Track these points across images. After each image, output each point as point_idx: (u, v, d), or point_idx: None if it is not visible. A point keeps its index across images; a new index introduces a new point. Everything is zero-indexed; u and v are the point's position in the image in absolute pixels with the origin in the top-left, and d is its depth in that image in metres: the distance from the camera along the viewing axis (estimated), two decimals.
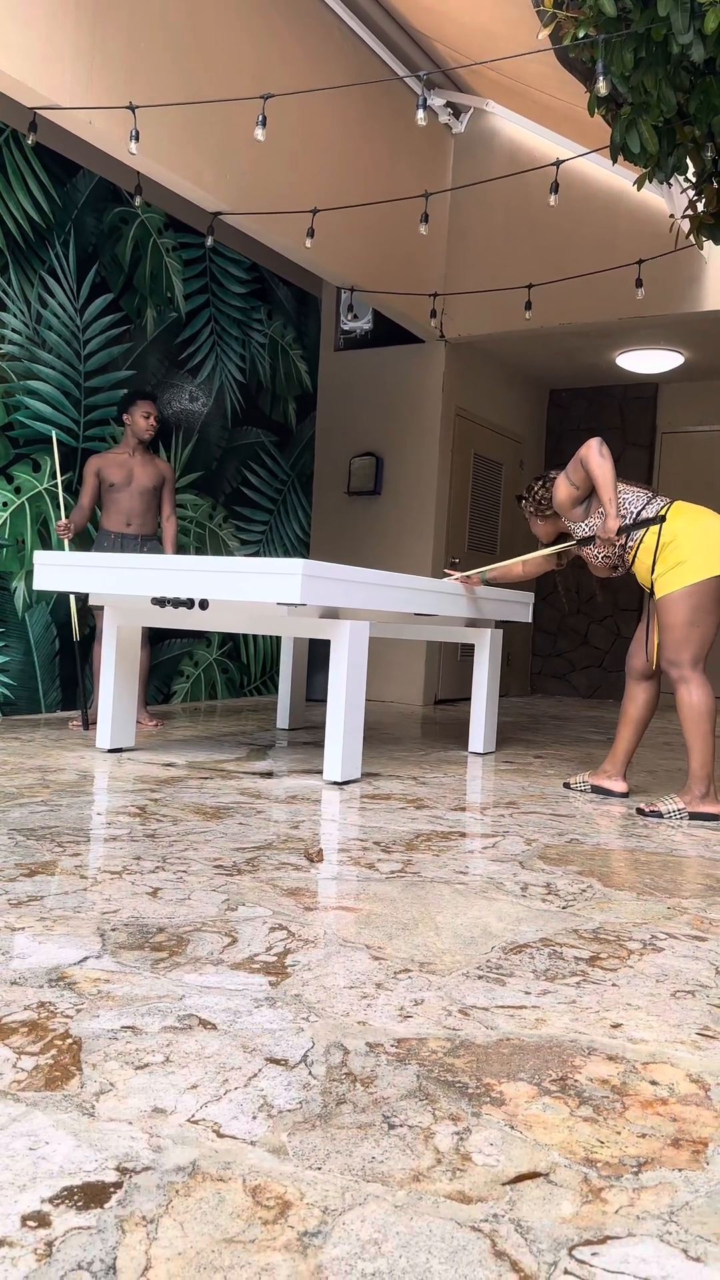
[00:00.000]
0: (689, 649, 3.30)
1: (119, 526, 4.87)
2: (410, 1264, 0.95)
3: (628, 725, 3.60)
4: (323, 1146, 1.16)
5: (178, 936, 1.86)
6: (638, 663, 3.54)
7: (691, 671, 3.31)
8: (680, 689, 3.33)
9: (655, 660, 3.48)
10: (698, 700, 3.29)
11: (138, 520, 4.90)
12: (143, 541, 4.93)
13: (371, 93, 5.92)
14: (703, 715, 3.29)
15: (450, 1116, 1.24)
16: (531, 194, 6.57)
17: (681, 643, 3.30)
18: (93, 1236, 0.97)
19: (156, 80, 4.42)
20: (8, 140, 4.93)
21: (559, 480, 3.54)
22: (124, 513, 4.87)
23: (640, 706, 3.57)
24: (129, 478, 4.85)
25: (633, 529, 3.41)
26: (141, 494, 4.89)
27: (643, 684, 3.56)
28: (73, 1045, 1.38)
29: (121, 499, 4.86)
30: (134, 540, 4.90)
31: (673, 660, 3.33)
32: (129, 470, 4.86)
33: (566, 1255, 0.98)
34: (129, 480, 4.85)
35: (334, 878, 2.33)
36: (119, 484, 4.84)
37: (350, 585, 3.63)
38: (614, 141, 3.96)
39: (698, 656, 3.31)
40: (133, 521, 4.89)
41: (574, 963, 1.82)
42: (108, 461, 4.84)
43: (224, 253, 6.48)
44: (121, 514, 4.87)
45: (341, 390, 7.45)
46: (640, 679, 3.55)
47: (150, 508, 4.94)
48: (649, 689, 3.56)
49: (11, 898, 2.04)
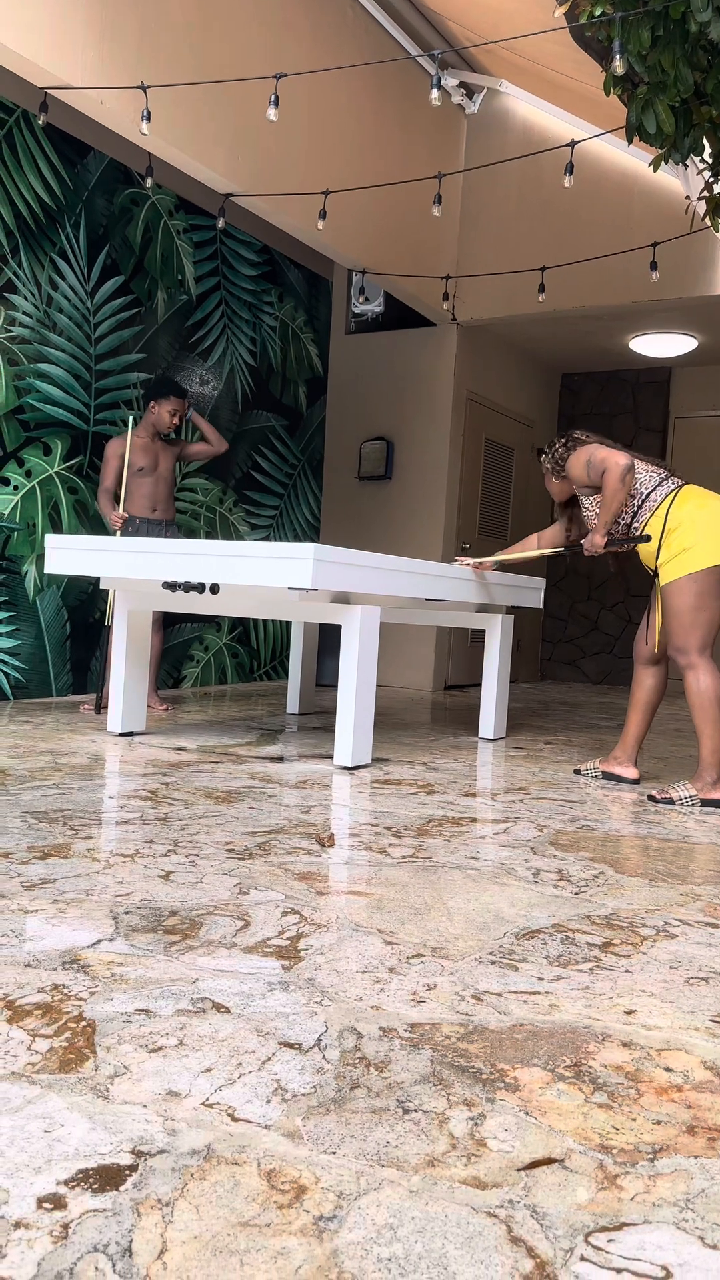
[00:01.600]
0: (695, 635, 3.29)
1: (144, 511, 4.88)
2: (426, 1249, 0.95)
3: (636, 710, 3.60)
4: (337, 1131, 1.15)
5: (190, 920, 1.86)
6: (643, 648, 3.54)
7: (699, 658, 3.30)
8: (689, 676, 3.31)
9: (657, 645, 3.48)
10: (706, 686, 3.27)
11: (162, 505, 4.93)
12: (166, 526, 4.94)
13: (384, 73, 5.87)
14: (712, 701, 3.27)
15: (464, 1102, 1.24)
16: (545, 176, 6.51)
17: (688, 629, 3.29)
18: (108, 1219, 0.97)
19: (168, 60, 4.38)
20: (18, 121, 4.90)
21: (579, 456, 3.49)
22: (149, 497, 4.88)
23: (648, 691, 3.56)
24: (155, 463, 4.88)
25: (626, 541, 3.43)
26: (165, 480, 4.93)
27: (650, 669, 3.55)
28: (87, 1028, 1.38)
29: (147, 484, 4.87)
30: (159, 525, 4.91)
31: (680, 647, 3.32)
32: (154, 456, 4.88)
33: (583, 1242, 0.98)
34: (155, 465, 4.88)
35: (345, 862, 2.33)
36: (146, 468, 4.85)
37: (361, 570, 3.62)
38: (630, 122, 3.91)
39: (705, 643, 3.30)
40: (158, 507, 4.91)
41: (587, 949, 1.82)
42: (132, 446, 4.84)
43: (235, 235, 6.44)
44: (146, 499, 4.88)
45: (352, 374, 7.42)
46: (647, 664, 3.55)
47: (170, 493, 4.97)
48: (656, 674, 3.56)
49: (25, 880, 2.05)
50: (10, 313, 4.95)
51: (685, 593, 3.28)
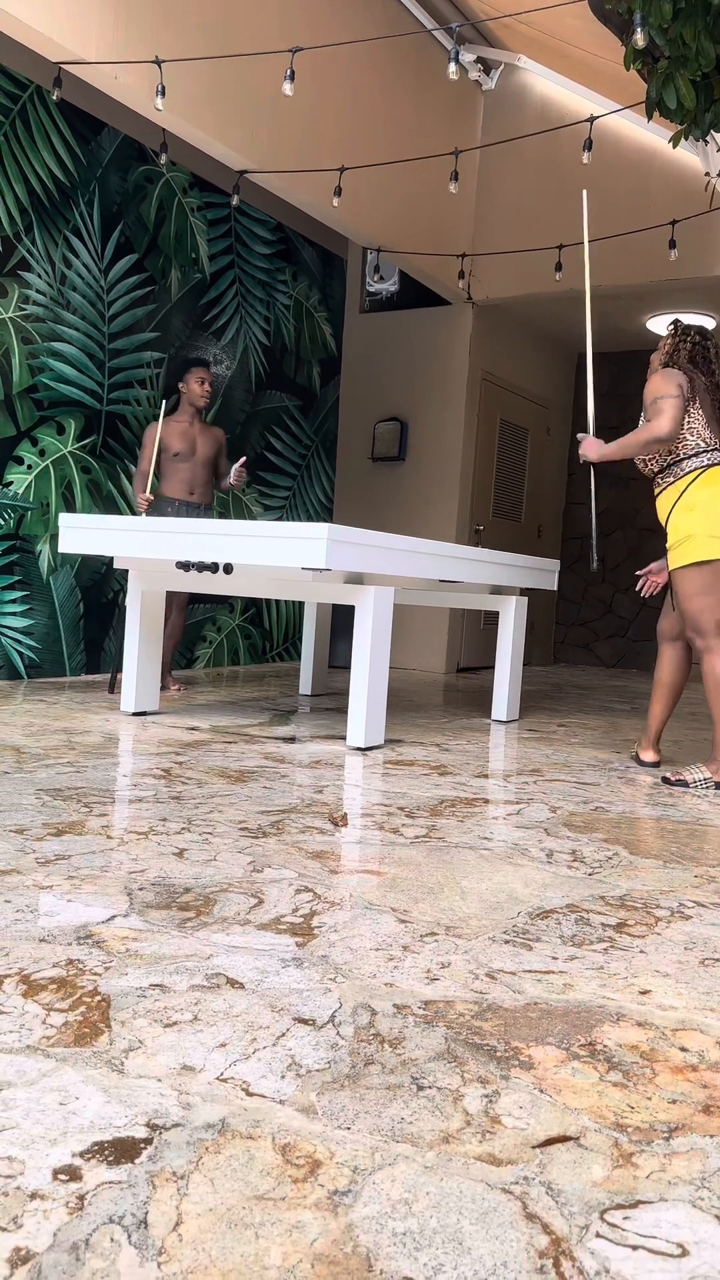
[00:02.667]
0: (706, 618, 3.25)
1: (182, 494, 4.88)
2: (441, 1224, 0.95)
3: (658, 690, 3.54)
4: (351, 1106, 1.15)
5: (204, 896, 1.86)
6: (665, 625, 3.51)
7: (715, 640, 3.26)
8: (705, 659, 3.28)
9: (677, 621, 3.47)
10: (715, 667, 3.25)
11: (200, 489, 4.92)
12: (204, 510, 4.95)
13: (400, 48, 5.80)
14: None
15: (479, 1079, 1.24)
16: (562, 153, 6.44)
17: (699, 613, 3.26)
18: (124, 1191, 0.98)
19: (183, 34, 4.34)
20: (32, 97, 4.87)
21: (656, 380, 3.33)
22: (187, 481, 4.88)
23: (670, 671, 3.51)
24: (192, 447, 4.87)
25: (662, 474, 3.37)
26: (205, 463, 4.91)
27: (672, 645, 3.50)
28: (101, 1002, 1.39)
29: (184, 468, 4.87)
30: (198, 508, 4.91)
31: (694, 630, 3.29)
32: (192, 440, 4.87)
33: (598, 1219, 0.98)
34: (192, 450, 4.87)
35: (358, 842, 2.33)
36: (183, 453, 4.85)
37: (375, 550, 3.60)
38: (650, 97, 3.86)
39: (710, 620, 3.26)
40: (196, 490, 4.91)
41: (601, 929, 1.81)
42: (170, 430, 4.83)
43: (249, 213, 6.39)
44: (184, 483, 4.88)
45: (366, 353, 7.38)
46: (669, 641, 3.51)
47: (210, 478, 4.96)
48: (677, 651, 3.50)
49: (40, 856, 2.05)
50: (24, 291, 4.93)
51: (690, 580, 3.27)
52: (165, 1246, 0.90)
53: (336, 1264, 0.89)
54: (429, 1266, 0.89)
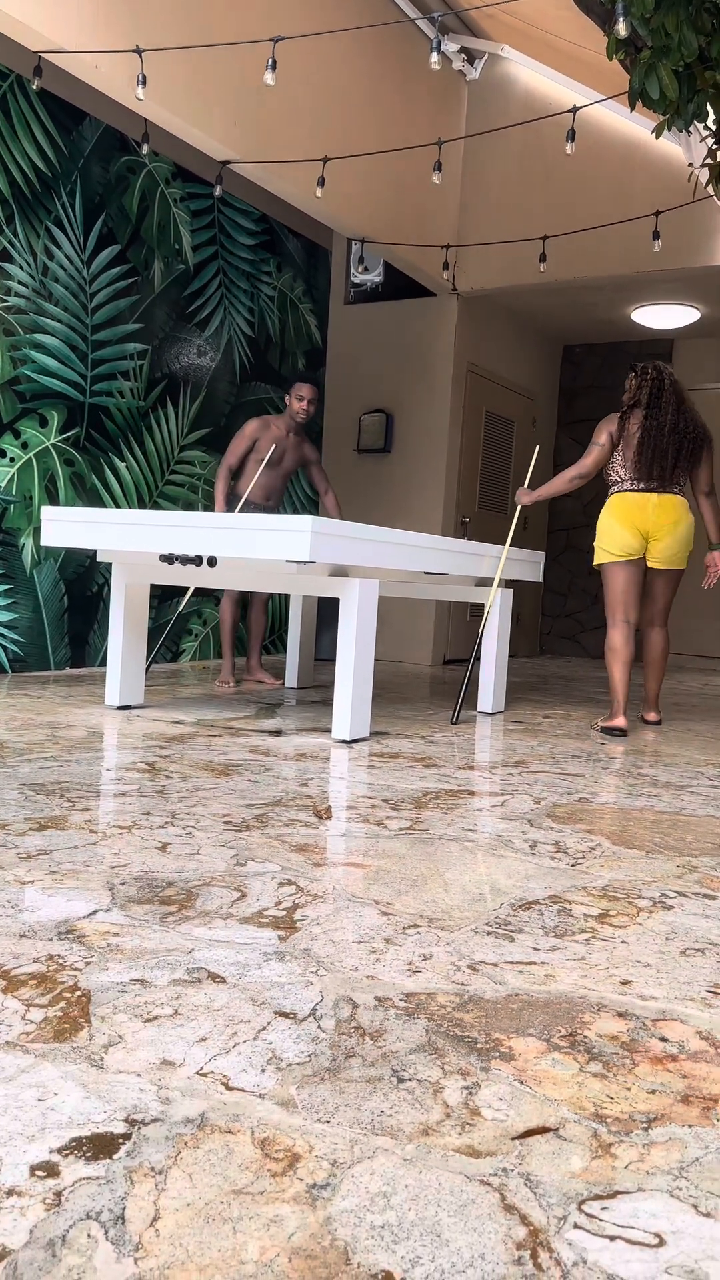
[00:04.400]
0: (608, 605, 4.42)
1: (259, 499, 5.06)
2: (419, 1217, 0.95)
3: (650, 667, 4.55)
4: (331, 1099, 1.15)
5: (187, 891, 1.85)
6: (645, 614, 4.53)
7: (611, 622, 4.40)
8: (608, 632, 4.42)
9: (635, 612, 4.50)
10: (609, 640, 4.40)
11: (276, 496, 5.13)
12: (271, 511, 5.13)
13: (384, 38, 5.78)
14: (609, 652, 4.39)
15: (459, 1071, 1.24)
16: (546, 144, 6.43)
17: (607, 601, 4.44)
18: (101, 1187, 0.97)
19: (164, 23, 4.31)
20: (12, 86, 4.83)
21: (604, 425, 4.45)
22: (265, 488, 5.06)
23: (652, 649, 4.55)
24: (282, 456, 5.05)
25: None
26: (285, 475, 5.12)
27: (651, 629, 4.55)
28: (81, 997, 1.38)
29: (270, 475, 5.05)
30: (270, 512, 5.07)
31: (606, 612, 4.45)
32: (283, 450, 5.05)
33: (576, 1209, 0.98)
34: (281, 458, 5.05)
35: (343, 834, 2.33)
36: (272, 460, 5.01)
37: (360, 543, 3.60)
38: (632, 87, 3.85)
39: (612, 610, 4.39)
40: (272, 497, 5.11)
41: (583, 920, 1.82)
42: (267, 434, 4.99)
43: (233, 203, 6.36)
44: (263, 488, 5.06)
45: (351, 345, 7.36)
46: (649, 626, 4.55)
47: (286, 487, 5.24)
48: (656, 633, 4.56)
49: (21, 851, 2.05)
50: (5, 282, 4.90)
51: (602, 575, 4.45)
52: (142, 1242, 0.90)
53: (314, 1258, 0.89)
54: (407, 1259, 0.89)
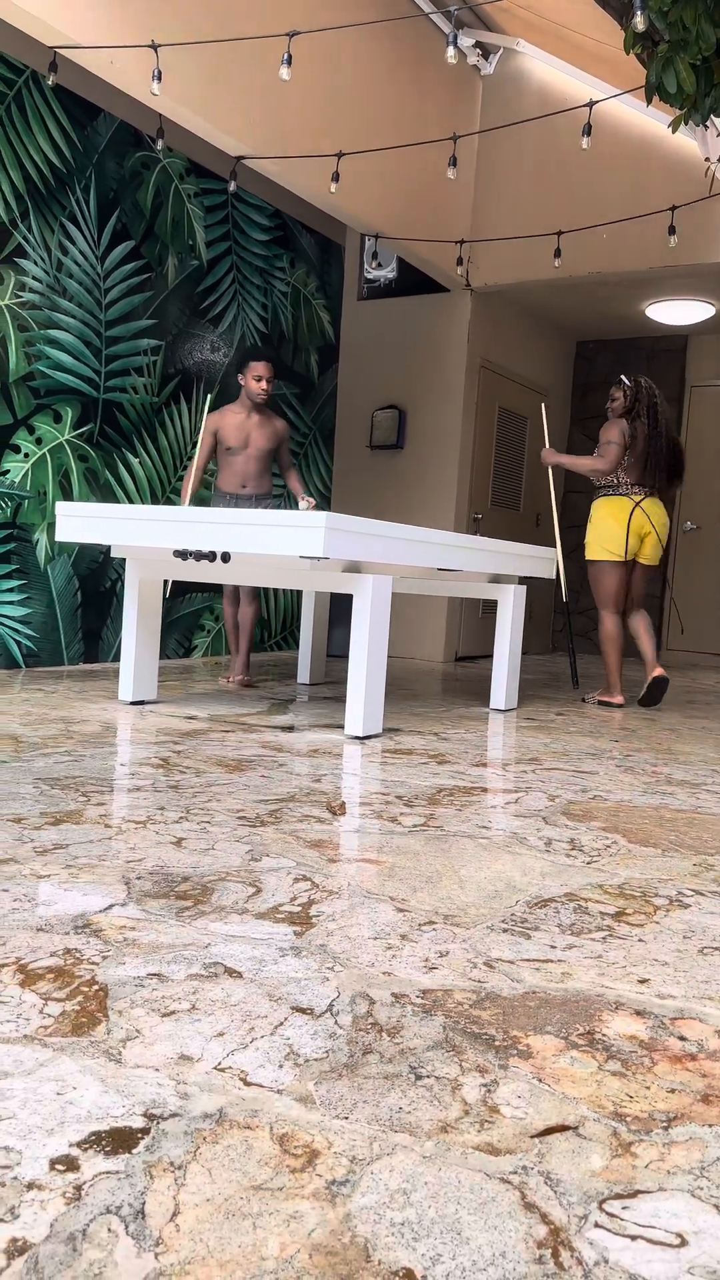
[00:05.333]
0: (598, 596, 4.98)
1: (234, 488, 4.87)
2: (440, 1214, 0.95)
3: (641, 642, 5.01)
4: (350, 1096, 1.15)
5: (202, 885, 1.85)
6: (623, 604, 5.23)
7: (603, 610, 4.96)
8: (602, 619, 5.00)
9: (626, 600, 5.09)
10: (605, 630, 4.98)
11: (253, 482, 4.88)
12: (256, 501, 4.89)
13: (398, 33, 5.76)
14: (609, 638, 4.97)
15: (477, 1068, 1.23)
16: (561, 138, 6.40)
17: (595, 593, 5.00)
18: (121, 1181, 0.97)
19: (180, 18, 4.30)
20: (27, 82, 4.83)
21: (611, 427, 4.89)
22: (239, 475, 4.85)
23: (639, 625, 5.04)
24: (245, 441, 4.82)
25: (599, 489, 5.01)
26: (259, 457, 4.86)
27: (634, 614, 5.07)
28: (99, 992, 1.38)
29: (237, 462, 4.84)
30: (248, 500, 4.87)
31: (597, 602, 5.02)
32: (246, 434, 4.82)
33: (597, 1208, 0.97)
34: (245, 444, 4.83)
35: (356, 830, 2.33)
36: (235, 447, 4.81)
37: (373, 539, 3.59)
38: (649, 81, 3.83)
39: (604, 601, 4.94)
40: (248, 484, 4.88)
41: (599, 918, 1.81)
42: (226, 422, 4.81)
43: (246, 199, 6.36)
44: (237, 476, 4.86)
45: (364, 341, 7.35)
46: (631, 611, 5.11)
47: (266, 469, 4.91)
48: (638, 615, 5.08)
49: (37, 845, 2.05)
50: (20, 278, 4.91)
51: (590, 570, 5.00)
52: (163, 1237, 0.90)
53: (334, 1254, 0.89)
54: (427, 1257, 0.89)
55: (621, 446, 4.78)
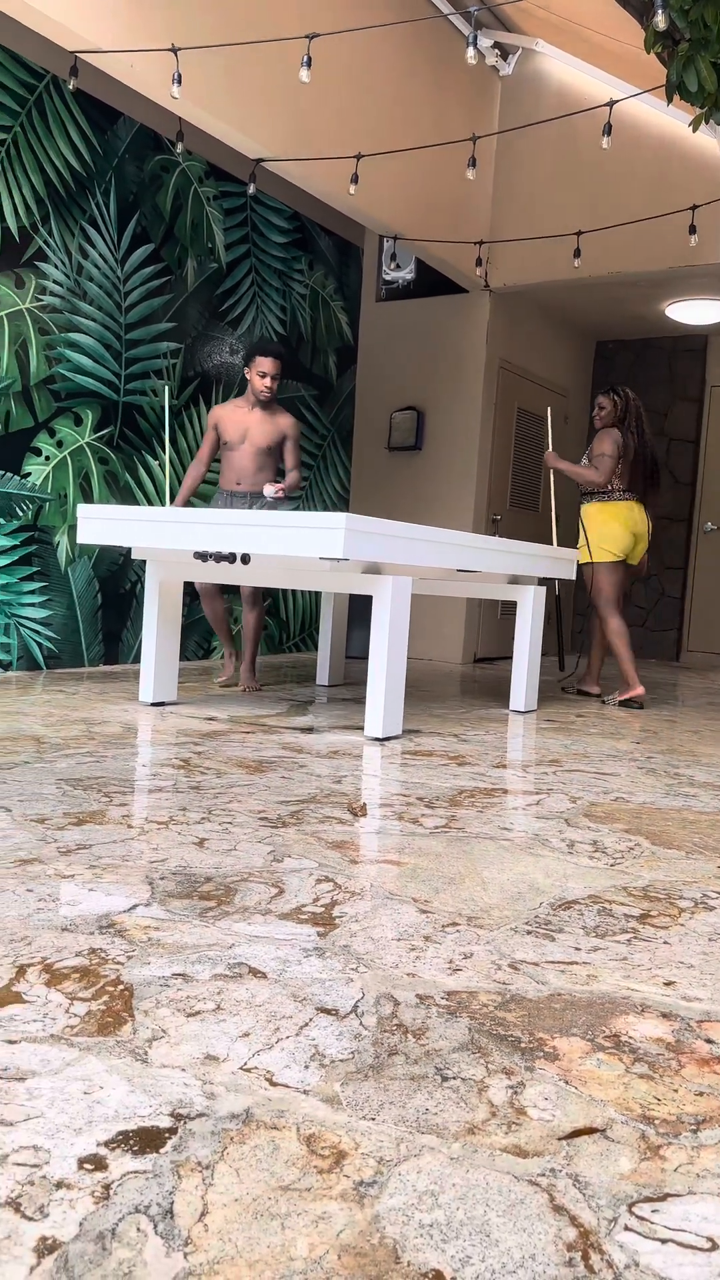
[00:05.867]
0: (601, 596, 5.09)
1: (229, 485, 4.73)
2: (468, 1216, 0.95)
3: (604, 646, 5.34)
4: (376, 1097, 1.15)
5: (225, 886, 1.86)
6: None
7: (605, 610, 5.08)
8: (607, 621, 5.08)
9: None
10: (614, 629, 5.04)
11: (249, 479, 4.70)
12: (252, 499, 4.73)
13: (417, 34, 5.76)
14: (618, 634, 5.03)
15: (503, 1070, 1.23)
16: (581, 138, 6.38)
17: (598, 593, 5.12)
18: (149, 1181, 0.97)
19: (199, 21, 4.32)
20: (48, 86, 4.86)
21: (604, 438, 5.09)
22: (235, 471, 4.71)
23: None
24: (243, 436, 4.68)
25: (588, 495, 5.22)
26: (255, 454, 4.68)
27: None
28: (124, 991, 1.39)
29: (234, 457, 4.70)
30: (243, 498, 4.71)
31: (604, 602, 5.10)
32: (244, 429, 4.68)
33: (626, 1211, 0.97)
34: (243, 439, 4.68)
35: (378, 832, 2.33)
36: (233, 442, 4.68)
37: (393, 540, 3.59)
38: (670, 80, 3.81)
39: (608, 600, 5.06)
40: (243, 480, 4.70)
41: (624, 920, 1.80)
42: (225, 416, 4.69)
43: (265, 201, 6.37)
44: (233, 472, 4.72)
45: (383, 342, 7.35)
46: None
47: (265, 466, 4.73)
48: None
49: (61, 846, 2.06)
50: (41, 281, 4.93)
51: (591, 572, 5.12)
52: (191, 1237, 0.90)
53: (364, 1255, 0.88)
54: (457, 1259, 0.89)
55: (615, 459, 5.00)
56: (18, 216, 4.78)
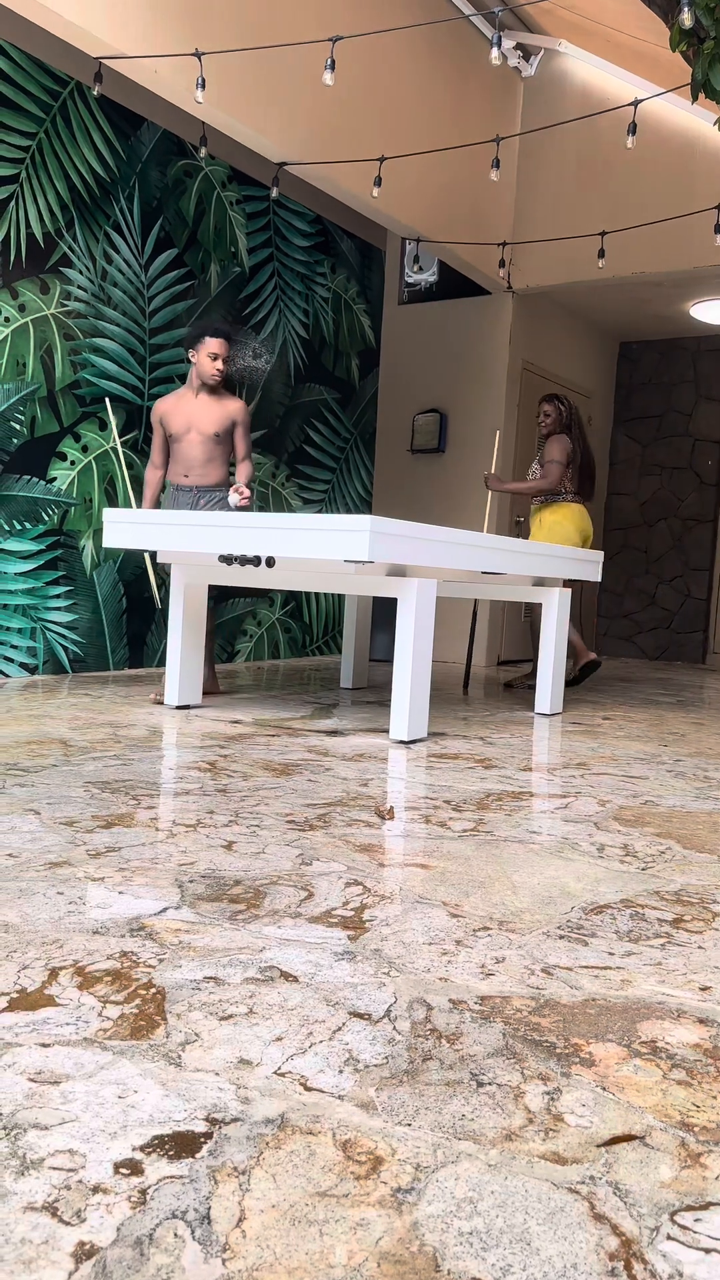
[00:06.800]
0: None
1: (177, 478, 4.42)
2: (508, 1224, 0.93)
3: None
4: (411, 1103, 1.14)
5: (254, 889, 1.85)
6: None
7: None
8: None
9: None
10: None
11: (196, 471, 4.38)
12: (200, 493, 4.41)
13: (439, 36, 5.75)
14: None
15: (539, 1076, 1.22)
16: (604, 138, 6.36)
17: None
18: (185, 1186, 0.97)
19: (221, 26, 4.33)
20: (72, 93, 4.89)
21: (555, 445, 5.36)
22: (183, 463, 4.40)
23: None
24: (188, 425, 4.36)
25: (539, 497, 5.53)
26: (203, 442, 4.36)
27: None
28: (156, 995, 1.38)
29: (180, 448, 4.39)
30: (189, 492, 4.41)
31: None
32: (188, 416, 4.36)
33: (668, 1220, 0.95)
34: (188, 427, 4.36)
35: (405, 835, 2.32)
36: (178, 433, 4.37)
37: (418, 542, 3.58)
38: (695, 79, 3.79)
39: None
40: (191, 472, 4.39)
41: (657, 924, 1.78)
42: (170, 408, 4.39)
43: (288, 205, 6.38)
44: (180, 464, 4.41)
45: (405, 345, 7.34)
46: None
47: (214, 456, 4.40)
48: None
49: (90, 848, 2.06)
50: (66, 287, 4.96)
51: None
52: (229, 1243, 0.89)
53: (403, 1263, 0.88)
54: (497, 1267, 0.88)
55: (564, 464, 5.34)
56: (43, 222, 4.81)
